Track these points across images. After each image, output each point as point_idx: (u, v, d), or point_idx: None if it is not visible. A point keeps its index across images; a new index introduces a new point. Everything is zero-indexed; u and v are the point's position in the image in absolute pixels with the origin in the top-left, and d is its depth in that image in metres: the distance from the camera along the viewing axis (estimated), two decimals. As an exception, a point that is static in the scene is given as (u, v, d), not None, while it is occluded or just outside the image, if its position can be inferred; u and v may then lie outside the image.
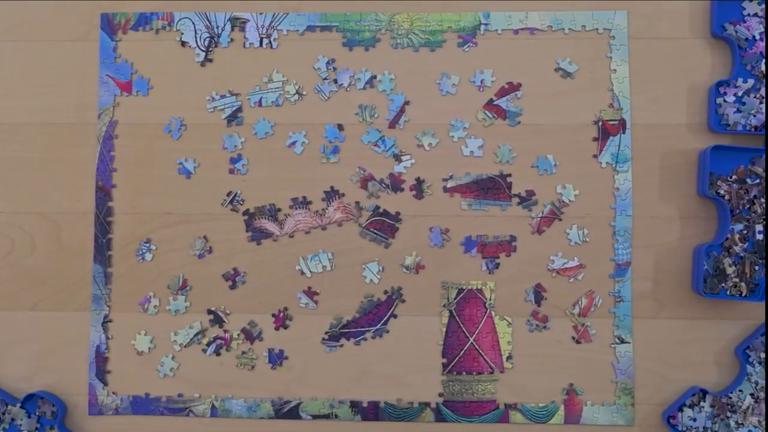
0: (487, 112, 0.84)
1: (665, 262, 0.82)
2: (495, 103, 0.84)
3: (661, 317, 0.82)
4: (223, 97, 0.85)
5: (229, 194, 0.84)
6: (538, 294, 0.82)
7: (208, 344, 0.83)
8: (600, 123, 0.83)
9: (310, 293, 0.83)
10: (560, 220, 0.82)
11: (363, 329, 0.82)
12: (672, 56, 0.83)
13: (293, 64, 0.85)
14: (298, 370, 0.83)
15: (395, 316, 0.82)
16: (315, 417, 0.82)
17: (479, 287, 0.83)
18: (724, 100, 0.81)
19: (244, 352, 0.83)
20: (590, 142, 0.83)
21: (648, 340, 0.81)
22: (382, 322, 0.82)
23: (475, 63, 0.84)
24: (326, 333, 0.83)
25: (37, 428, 0.82)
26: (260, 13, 0.85)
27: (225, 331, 0.83)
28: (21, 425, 0.82)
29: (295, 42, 0.85)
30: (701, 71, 0.83)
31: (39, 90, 0.86)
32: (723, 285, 0.80)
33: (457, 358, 0.82)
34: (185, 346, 0.83)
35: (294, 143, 0.84)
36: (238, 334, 0.83)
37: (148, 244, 0.84)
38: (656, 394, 0.81)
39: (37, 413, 0.82)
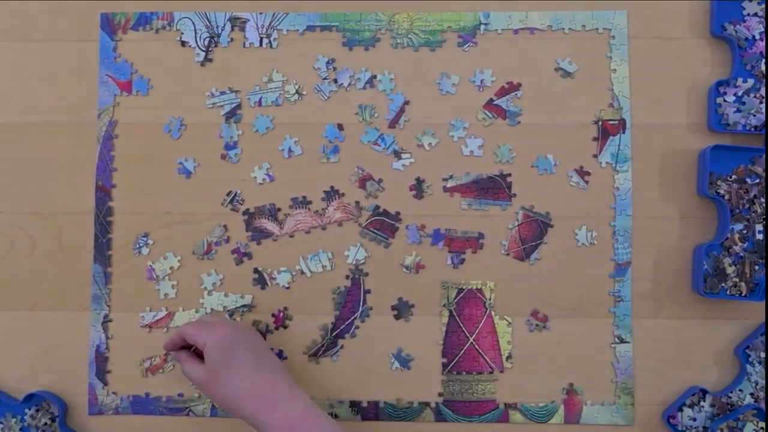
0: (487, 111, 0.84)
1: (665, 262, 0.82)
2: (495, 102, 0.84)
3: (661, 317, 0.82)
4: (222, 93, 0.85)
5: (229, 194, 0.84)
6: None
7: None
8: (600, 123, 0.83)
9: (310, 293, 0.83)
10: (552, 226, 0.82)
11: (350, 318, 0.82)
12: (672, 56, 0.83)
13: (293, 64, 0.85)
14: (298, 370, 0.83)
15: (370, 309, 0.83)
16: (315, 417, 0.82)
17: (479, 287, 0.83)
18: (724, 100, 0.81)
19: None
20: (590, 142, 0.83)
21: (648, 340, 0.81)
22: (362, 303, 0.82)
23: (475, 63, 0.84)
24: (321, 345, 0.83)
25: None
26: (260, 13, 0.85)
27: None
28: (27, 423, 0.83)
29: (295, 42, 0.85)
30: (701, 71, 0.83)
31: (39, 90, 0.86)
32: (723, 285, 0.80)
33: (457, 357, 0.82)
34: (229, 310, 0.83)
35: (284, 149, 0.84)
36: None
37: (145, 239, 0.84)
38: (656, 394, 0.81)
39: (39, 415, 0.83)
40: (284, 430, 0.68)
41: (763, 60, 0.81)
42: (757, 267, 0.79)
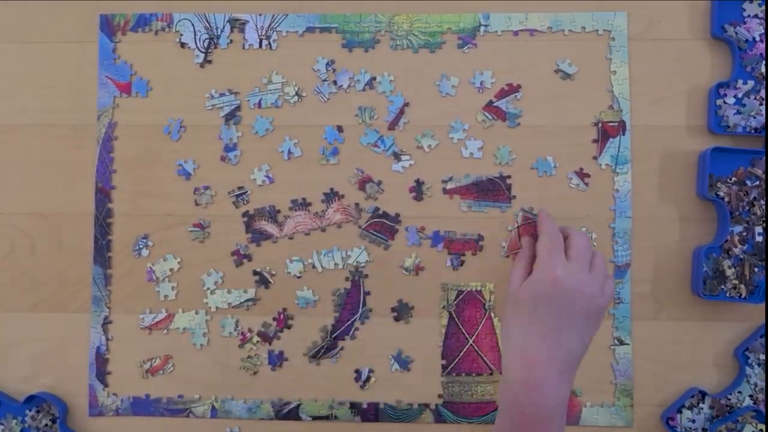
0: (486, 113, 0.84)
1: (665, 263, 0.82)
2: (495, 104, 0.83)
3: (660, 319, 0.82)
4: (222, 95, 0.85)
5: (239, 188, 0.84)
6: (538, 295, 0.82)
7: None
8: (600, 125, 0.83)
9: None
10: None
11: (350, 320, 0.82)
12: (672, 58, 0.83)
13: (293, 66, 0.85)
14: (298, 372, 0.83)
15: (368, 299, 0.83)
16: (315, 418, 0.82)
17: (479, 289, 0.83)
18: (724, 102, 0.81)
19: (250, 357, 0.83)
20: (590, 144, 0.83)
21: (647, 342, 0.82)
22: (362, 304, 0.83)
23: (474, 64, 0.84)
24: (321, 346, 0.83)
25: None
26: (259, 15, 0.85)
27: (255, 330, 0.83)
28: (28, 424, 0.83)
29: (295, 43, 0.85)
30: (701, 73, 0.83)
31: (38, 91, 0.86)
32: (722, 287, 0.80)
33: (457, 359, 0.82)
34: (233, 306, 0.83)
35: (283, 151, 0.84)
36: (257, 340, 0.83)
37: (145, 240, 0.84)
38: (655, 396, 0.81)
39: (40, 416, 0.83)
40: (522, 419, 0.63)
41: (764, 62, 0.81)
42: (756, 269, 0.79)
